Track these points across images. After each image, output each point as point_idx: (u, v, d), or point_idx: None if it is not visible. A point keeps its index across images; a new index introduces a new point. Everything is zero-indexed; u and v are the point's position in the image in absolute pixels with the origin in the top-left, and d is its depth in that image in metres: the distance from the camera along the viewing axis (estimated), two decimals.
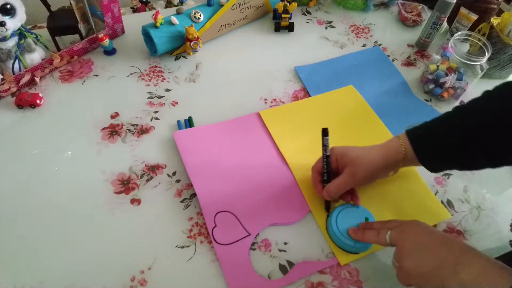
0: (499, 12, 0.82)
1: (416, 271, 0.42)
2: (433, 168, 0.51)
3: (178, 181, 0.59)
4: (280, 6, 0.82)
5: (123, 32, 0.80)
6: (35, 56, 0.69)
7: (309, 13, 0.91)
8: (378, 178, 0.55)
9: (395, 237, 0.45)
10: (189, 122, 0.66)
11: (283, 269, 0.51)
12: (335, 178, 0.53)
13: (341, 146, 0.55)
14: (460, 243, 0.42)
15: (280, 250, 0.53)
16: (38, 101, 0.65)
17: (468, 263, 0.39)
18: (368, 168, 0.51)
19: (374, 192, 0.59)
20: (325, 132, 0.54)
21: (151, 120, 0.66)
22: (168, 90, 0.71)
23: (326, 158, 0.54)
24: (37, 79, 0.69)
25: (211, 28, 0.78)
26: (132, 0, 1.13)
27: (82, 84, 0.71)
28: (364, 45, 0.84)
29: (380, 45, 0.85)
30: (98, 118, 0.66)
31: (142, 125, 0.65)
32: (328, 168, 0.54)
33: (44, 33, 0.72)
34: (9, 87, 0.66)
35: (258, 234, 0.54)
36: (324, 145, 0.54)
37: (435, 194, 0.61)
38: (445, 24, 0.90)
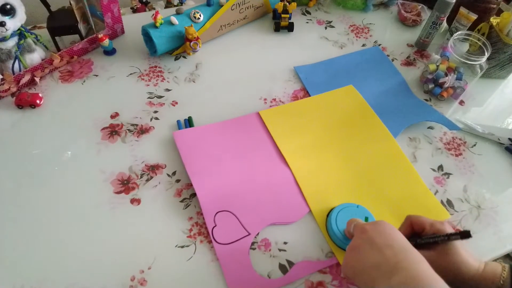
0: (499, 12, 0.82)
1: (354, 263, 0.41)
2: None
3: (178, 181, 0.59)
4: (279, 6, 0.82)
5: (123, 32, 0.80)
6: (35, 56, 0.69)
7: (309, 13, 0.91)
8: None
9: (356, 229, 0.44)
10: (188, 122, 0.66)
11: (283, 268, 0.51)
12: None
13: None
14: (416, 253, 0.39)
15: (280, 250, 0.53)
16: (38, 101, 0.66)
17: (405, 268, 0.37)
18: (454, 263, 0.43)
19: (374, 192, 0.59)
20: (466, 235, 0.44)
21: (151, 120, 0.66)
22: (168, 90, 0.71)
23: (434, 240, 0.45)
24: (37, 79, 0.69)
25: (211, 28, 0.78)
26: (132, 0, 1.13)
27: (82, 84, 0.71)
28: (363, 45, 0.85)
29: (379, 45, 0.85)
30: (98, 118, 0.66)
31: (142, 125, 0.66)
32: (425, 241, 0.46)
33: (44, 33, 0.72)
34: (9, 87, 0.66)
35: (258, 234, 0.54)
36: (448, 237, 0.44)
37: (435, 193, 0.61)
38: (444, 24, 0.90)
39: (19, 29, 0.66)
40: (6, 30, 0.62)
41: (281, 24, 0.83)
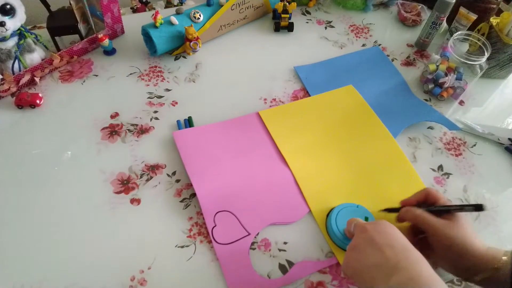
0: (499, 12, 0.82)
1: (354, 263, 0.41)
2: None
3: (177, 181, 0.59)
4: (279, 6, 0.82)
5: (123, 32, 0.80)
6: (35, 56, 0.69)
7: (309, 13, 0.91)
8: (448, 262, 0.46)
9: (357, 228, 0.44)
10: (188, 122, 0.66)
11: (282, 268, 0.51)
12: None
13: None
14: (416, 253, 0.39)
15: (279, 250, 0.53)
16: (38, 101, 0.66)
17: (404, 268, 0.37)
18: (462, 236, 0.44)
19: (374, 192, 0.59)
20: (479, 208, 0.45)
21: (151, 120, 0.66)
22: (167, 90, 0.71)
23: (447, 208, 0.47)
24: (37, 79, 0.69)
25: (211, 28, 0.78)
26: (132, 0, 1.13)
27: (82, 84, 0.71)
28: (363, 45, 0.85)
29: (379, 45, 0.85)
30: (98, 118, 0.66)
31: (142, 125, 0.66)
32: (439, 208, 0.48)
33: (44, 33, 0.72)
34: (9, 87, 0.66)
35: (258, 234, 0.54)
36: (461, 207, 0.46)
37: None
38: (444, 24, 0.90)
39: (19, 29, 0.65)
40: (6, 30, 0.62)
41: (281, 24, 0.83)
